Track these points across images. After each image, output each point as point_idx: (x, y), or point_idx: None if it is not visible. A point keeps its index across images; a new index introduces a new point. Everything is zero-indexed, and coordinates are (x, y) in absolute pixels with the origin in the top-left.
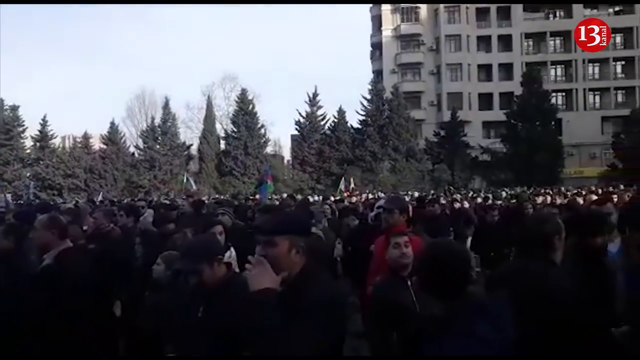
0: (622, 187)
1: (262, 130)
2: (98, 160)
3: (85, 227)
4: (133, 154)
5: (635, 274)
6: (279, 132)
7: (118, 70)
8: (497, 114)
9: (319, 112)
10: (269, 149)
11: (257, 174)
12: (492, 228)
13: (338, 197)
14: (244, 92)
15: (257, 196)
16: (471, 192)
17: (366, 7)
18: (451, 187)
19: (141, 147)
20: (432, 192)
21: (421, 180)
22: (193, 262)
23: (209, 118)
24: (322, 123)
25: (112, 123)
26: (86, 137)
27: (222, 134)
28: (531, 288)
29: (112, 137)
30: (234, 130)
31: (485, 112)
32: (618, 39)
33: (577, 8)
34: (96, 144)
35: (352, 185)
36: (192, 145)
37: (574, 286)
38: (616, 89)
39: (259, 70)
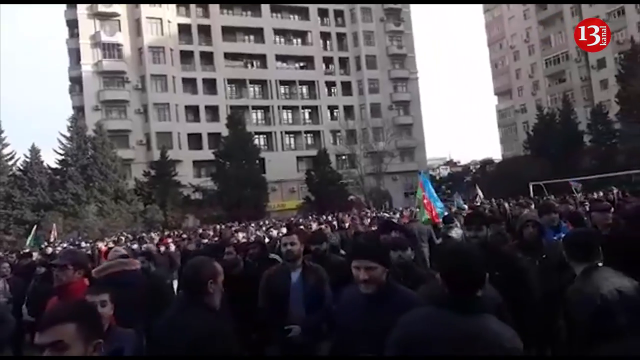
0: (312, 217)
1: None
2: None
3: None
4: None
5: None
6: None
7: None
8: (206, 154)
9: (5, 151)
10: None
11: None
12: None
13: (27, 250)
14: None
15: None
16: (181, 232)
17: (62, 38)
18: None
19: None
20: (143, 234)
21: (133, 222)
22: None
23: None
24: (10, 163)
25: None
26: None
27: None
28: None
29: None
30: None
31: (195, 152)
32: (304, 89)
33: (270, 61)
34: None
35: (54, 233)
36: None
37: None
38: (306, 132)
39: None
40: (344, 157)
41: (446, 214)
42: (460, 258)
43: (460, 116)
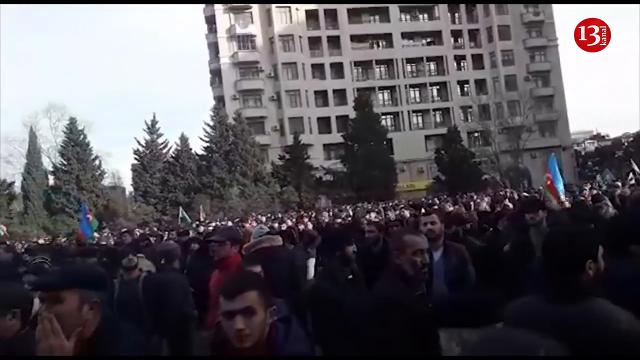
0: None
1: (97, 162)
2: None
3: None
4: None
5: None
6: (118, 162)
7: None
8: (335, 137)
9: (160, 140)
10: (106, 182)
11: (95, 209)
12: None
13: (183, 229)
14: (72, 122)
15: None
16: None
17: (202, 34)
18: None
19: None
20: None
21: (271, 203)
22: None
23: (33, 151)
24: (164, 151)
25: None
26: None
27: (50, 168)
28: None
29: None
30: (63, 164)
31: (325, 135)
32: (432, 66)
33: (396, 39)
34: None
35: (203, 214)
36: (14, 182)
37: None
38: (434, 110)
39: (89, 97)
40: (476, 134)
41: (594, 192)
42: (559, 240)
43: (608, 84)
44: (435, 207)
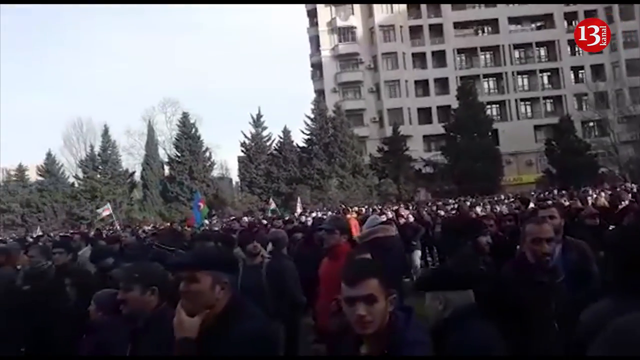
0: (555, 192)
1: (207, 154)
2: (35, 193)
3: (19, 267)
4: (73, 184)
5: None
6: (225, 154)
7: (52, 98)
8: (436, 127)
9: (264, 133)
10: (215, 172)
11: (205, 198)
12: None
13: (287, 217)
14: (185, 116)
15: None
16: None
17: (304, 28)
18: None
19: (81, 177)
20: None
21: (369, 195)
22: (126, 284)
23: (151, 143)
24: (268, 143)
25: (49, 153)
26: (21, 169)
27: (166, 159)
28: None
29: (49, 167)
30: (177, 155)
31: (425, 126)
32: (542, 51)
33: (503, 24)
34: (32, 176)
35: (300, 204)
36: (134, 172)
37: None
38: (545, 98)
39: (200, 92)
40: (591, 124)
41: None
42: (625, 237)
43: None
44: (549, 201)
